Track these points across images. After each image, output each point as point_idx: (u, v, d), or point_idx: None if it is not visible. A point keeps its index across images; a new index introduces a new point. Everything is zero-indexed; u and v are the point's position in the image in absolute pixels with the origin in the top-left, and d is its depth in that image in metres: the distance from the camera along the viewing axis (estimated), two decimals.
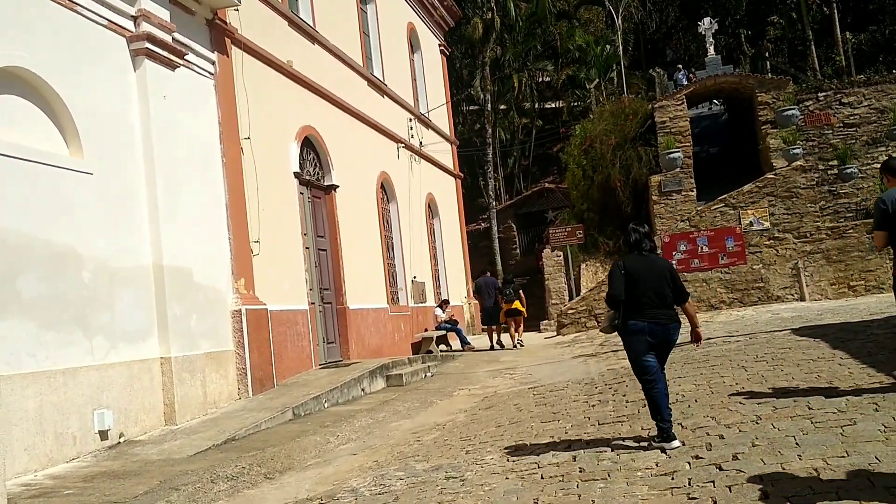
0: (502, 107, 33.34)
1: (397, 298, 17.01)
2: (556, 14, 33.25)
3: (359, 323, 14.29)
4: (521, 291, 17.39)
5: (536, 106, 34.01)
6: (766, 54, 27.73)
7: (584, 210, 21.67)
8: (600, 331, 6.44)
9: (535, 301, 24.66)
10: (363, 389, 11.01)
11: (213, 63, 10.40)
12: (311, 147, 13.46)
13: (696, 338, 5.96)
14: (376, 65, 17.36)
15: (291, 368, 11.37)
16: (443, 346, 18.26)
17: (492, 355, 15.83)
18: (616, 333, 5.85)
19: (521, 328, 17.26)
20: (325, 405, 9.80)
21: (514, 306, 16.85)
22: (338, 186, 14.04)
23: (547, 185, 29.67)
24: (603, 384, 9.10)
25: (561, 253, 21.01)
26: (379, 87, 17.10)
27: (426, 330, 18.18)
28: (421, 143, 19.55)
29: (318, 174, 13.64)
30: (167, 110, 9.19)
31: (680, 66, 27.53)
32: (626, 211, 20.57)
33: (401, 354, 16.11)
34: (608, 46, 31.86)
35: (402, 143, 18.03)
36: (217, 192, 10.10)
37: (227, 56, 10.70)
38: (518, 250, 29.44)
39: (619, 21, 27.30)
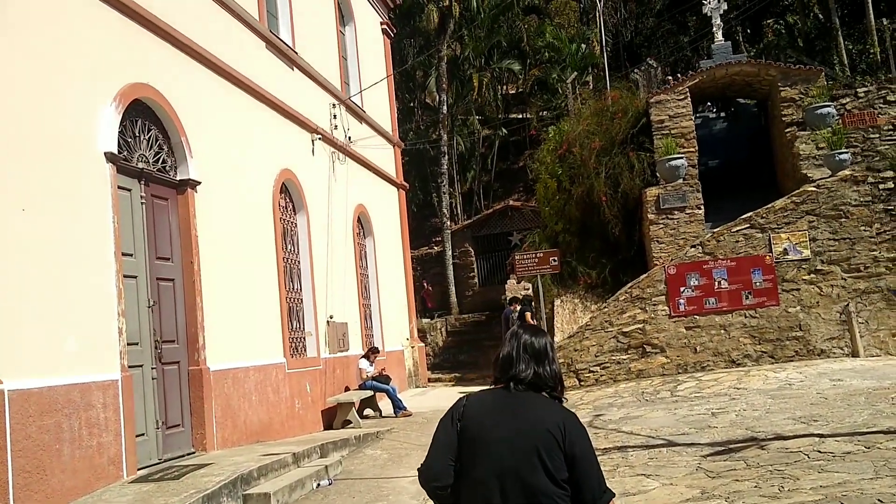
0: (461, 116, 28.84)
1: (302, 348, 12.13)
2: (524, 8, 28.95)
3: (228, 391, 9.39)
4: (527, 313, 13.88)
5: (500, 114, 29.54)
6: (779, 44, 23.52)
7: (560, 231, 17.06)
8: None
9: (496, 346, 19.96)
10: None
11: None
12: (147, 118, 8.62)
13: None
14: (283, 26, 12.61)
15: (68, 490, 6.45)
16: (369, 410, 13.42)
17: (430, 434, 10.99)
18: None
19: None
20: None
21: None
22: (198, 183, 9.20)
23: (512, 202, 25.08)
24: None
25: (530, 285, 16.37)
26: (285, 55, 12.34)
27: (346, 390, 13.30)
28: (349, 138, 14.81)
29: (161, 162, 8.80)
30: None
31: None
32: (613, 233, 16.05)
33: (303, 430, 11.22)
34: (583, 46, 27.58)
35: (318, 134, 13.26)
36: None
37: None
38: (476, 279, 24.73)
39: (601, 6, 22.91)
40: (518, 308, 15.17)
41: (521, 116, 29.94)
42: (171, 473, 7.29)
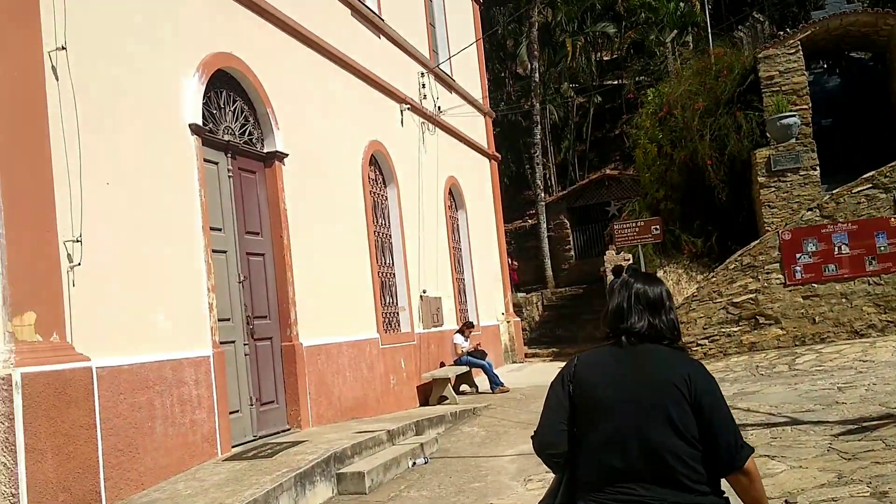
0: (554, 85, 27.97)
1: (396, 323, 11.88)
2: None
3: (322, 367, 9.20)
4: None
5: (595, 80, 28.49)
6: None
7: (661, 198, 16.21)
8: None
9: (594, 321, 19.32)
10: None
11: None
12: (232, 89, 8.43)
13: None
14: None
15: (161, 468, 6.34)
16: (465, 387, 13.09)
17: (535, 409, 10.56)
18: None
19: None
20: None
21: None
22: (286, 156, 8.98)
23: (609, 171, 24.17)
24: None
25: (630, 256, 15.63)
26: (371, 22, 12.00)
27: (441, 365, 13.00)
28: (439, 108, 14.40)
29: (247, 134, 8.60)
30: None
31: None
32: (719, 198, 15.09)
33: (399, 406, 10.99)
34: (682, 4, 26.21)
35: (407, 104, 12.90)
36: None
37: None
38: (573, 252, 24.02)
39: None
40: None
41: (616, 82, 28.82)
42: (265, 451, 7.12)
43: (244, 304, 8.10)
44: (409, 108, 12.93)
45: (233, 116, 8.39)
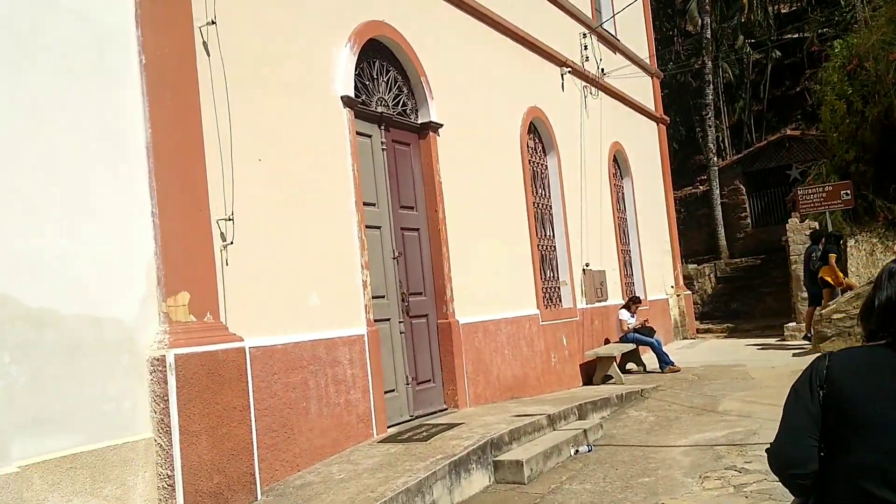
0: (727, 41, 26.01)
1: (557, 298, 11.35)
2: None
3: (479, 345, 8.88)
4: (830, 254, 12.35)
5: (773, 35, 26.24)
6: None
7: (851, 160, 14.60)
8: None
9: (775, 294, 17.91)
10: None
11: None
12: (384, 59, 8.16)
13: None
14: None
15: (316, 449, 6.24)
16: (632, 365, 12.39)
17: (709, 392, 9.76)
18: None
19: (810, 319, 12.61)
20: None
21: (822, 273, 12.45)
22: (440, 126, 8.64)
23: (790, 131, 22.22)
24: None
25: (816, 224, 14.21)
26: None
27: (606, 343, 12.36)
28: (602, 70, 13.58)
29: (400, 105, 8.32)
30: None
31: None
32: None
33: (560, 386, 10.52)
34: None
35: (568, 67, 12.22)
36: (124, 127, 5.10)
37: None
38: (749, 220, 22.36)
39: None
40: (823, 245, 12.86)
41: (796, 36, 26.42)
42: (420, 433, 6.88)
43: (399, 280, 7.89)
44: (569, 72, 12.25)
45: (386, 87, 8.13)
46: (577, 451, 7.10)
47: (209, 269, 5.51)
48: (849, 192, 13.40)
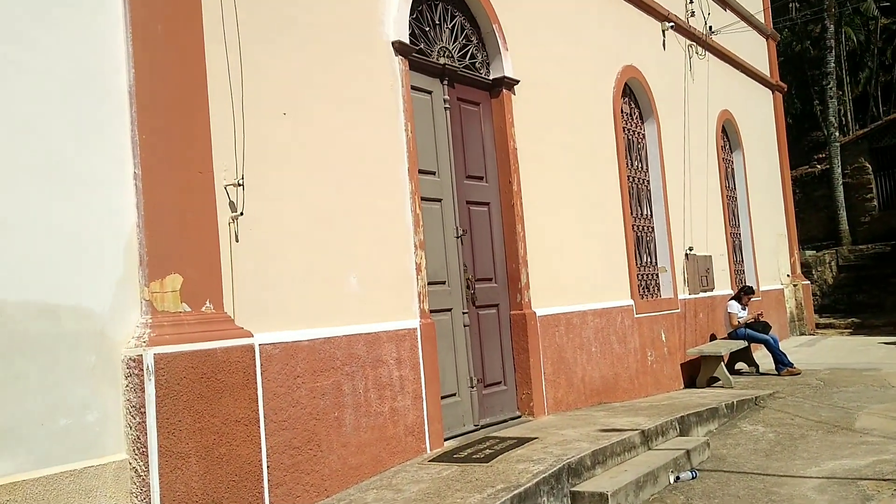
0: (852, 4, 23.47)
1: (655, 287, 9.86)
2: None
3: (560, 341, 7.55)
4: None
5: None
6: None
7: None
8: None
9: None
10: None
11: None
12: (448, 2, 6.89)
13: None
14: None
15: (351, 469, 5.09)
16: (742, 365, 10.80)
17: (840, 403, 8.14)
18: None
19: None
20: None
21: None
22: (516, 83, 7.32)
23: None
24: None
25: None
26: None
27: (712, 339, 10.78)
28: (710, 28, 11.90)
29: (468, 57, 7.04)
30: None
31: None
32: None
33: (658, 388, 9.11)
34: None
35: (671, 22, 10.64)
36: (99, 64, 4.03)
37: None
38: (876, 202, 19.99)
39: None
40: None
41: None
42: (483, 451, 5.64)
43: (463, 264, 6.64)
44: (672, 28, 10.66)
45: (450, 35, 6.87)
46: (677, 478, 5.71)
47: (211, 245, 4.41)
48: None
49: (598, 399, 8.02)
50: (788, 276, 14.56)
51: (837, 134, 20.47)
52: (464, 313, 6.59)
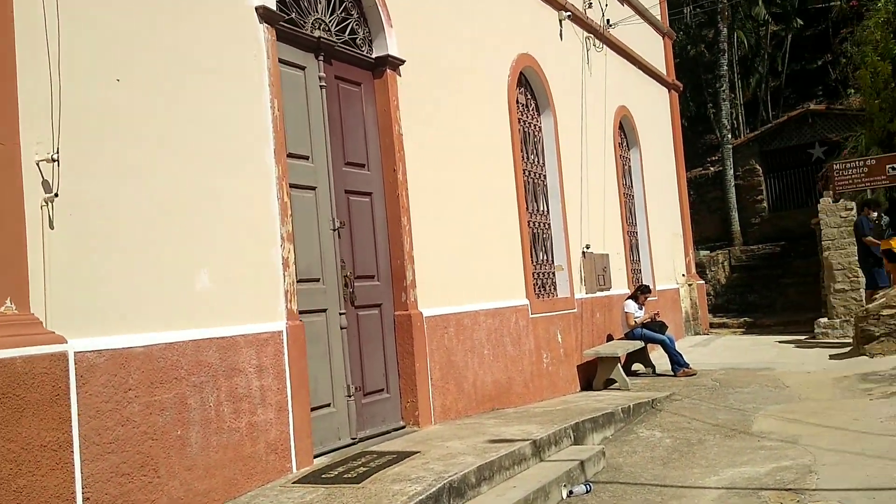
0: (743, 10, 23.97)
1: (551, 286, 9.46)
2: None
3: (449, 343, 6.99)
4: (893, 239, 10.52)
5: (794, 3, 24.15)
6: None
7: (895, 132, 12.70)
8: None
9: (798, 285, 16.05)
10: None
11: None
12: None
13: None
14: None
15: (197, 496, 4.35)
16: (639, 366, 10.55)
17: (736, 405, 7.90)
18: None
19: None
20: None
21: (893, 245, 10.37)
22: (401, 63, 6.72)
23: (813, 106, 20.26)
24: None
25: (853, 204, 12.30)
26: None
27: (609, 339, 10.49)
28: (608, 21, 11.64)
29: (348, 32, 6.40)
30: None
31: None
32: None
33: (554, 392, 8.69)
34: None
35: (568, 11, 10.28)
36: None
37: None
38: (766, 204, 20.42)
39: None
40: (874, 214, 11.12)
41: (823, 5, 24.33)
42: (356, 469, 5.00)
43: (341, 259, 5.99)
44: (570, 18, 10.31)
45: (327, 6, 6.20)
46: (570, 492, 5.22)
47: (14, 232, 3.62)
48: (895, 167, 11.52)
49: (491, 405, 7.50)
50: (684, 275, 14.53)
51: (730, 136, 20.81)
52: (341, 314, 5.93)
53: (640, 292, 10.62)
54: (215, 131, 4.87)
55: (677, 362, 9.95)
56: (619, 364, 9.42)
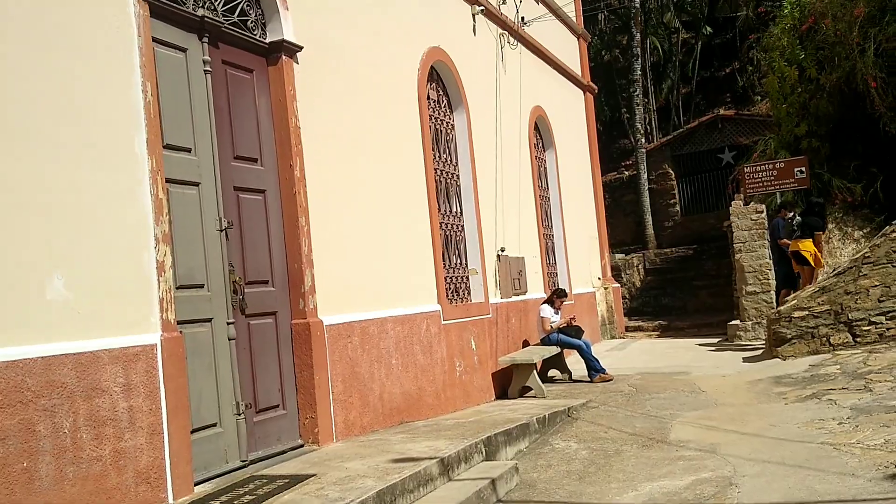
0: (656, 17, 24.25)
1: (465, 291, 9.06)
2: None
3: (354, 353, 6.48)
4: (817, 233, 10.78)
5: (704, 12, 24.54)
6: None
7: (802, 135, 12.88)
8: None
9: (710, 287, 16.16)
10: None
11: None
12: None
13: None
14: None
15: None
16: (555, 372, 10.25)
17: (653, 412, 7.64)
18: None
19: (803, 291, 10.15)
20: None
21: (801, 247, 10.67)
22: (299, 49, 6.19)
23: (723, 112, 20.58)
24: None
25: (763, 207, 12.36)
26: None
27: (525, 345, 10.16)
28: (523, 19, 11.34)
29: (238, 13, 5.84)
30: None
31: None
32: (886, 132, 11.69)
33: (468, 402, 8.29)
34: None
35: (481, 6, 9.92)
36: None
37: None
38: (678, 207, 20.61)
39: None
40: (790, 215, 11.17)
41: (730, 15, 24.79)
42: (242, 498, 4.44)
43: (229, 263, 5.41)
44: (483, 12, 9.95)
45: None
46: None
47: None
48: (803, 169, 11.61)
49: (400, 418, 7.02)
50: (600, 279, 14.39)
51: (643, 141, 20.95)
52: (229, 324, 5.35)
53: (556, 296, 10.31)
54: (80, 118, 4.25)
55: (594, 368, 9.69)
56: (535, 371, 9.07)
